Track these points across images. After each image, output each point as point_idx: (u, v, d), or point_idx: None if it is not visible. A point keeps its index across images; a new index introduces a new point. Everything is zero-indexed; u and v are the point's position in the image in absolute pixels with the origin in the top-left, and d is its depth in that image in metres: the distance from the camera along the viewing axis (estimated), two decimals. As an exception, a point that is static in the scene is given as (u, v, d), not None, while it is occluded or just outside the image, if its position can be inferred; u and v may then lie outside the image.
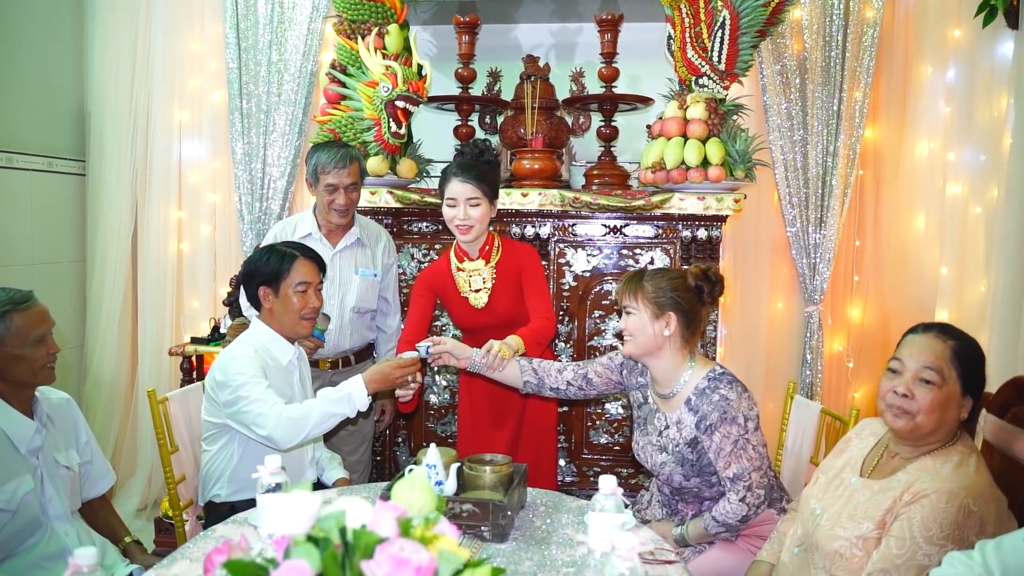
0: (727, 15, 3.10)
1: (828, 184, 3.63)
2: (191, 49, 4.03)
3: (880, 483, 1.83)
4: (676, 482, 2.28)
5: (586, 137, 3.90)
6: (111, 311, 4.06)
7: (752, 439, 2.18)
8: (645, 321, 2.23)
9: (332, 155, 2.92)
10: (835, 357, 3.88)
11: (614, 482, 1.70)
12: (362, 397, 2.27)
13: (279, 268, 2.45)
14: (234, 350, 2.43)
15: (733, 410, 2.16)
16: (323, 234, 3.06)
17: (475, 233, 2.70)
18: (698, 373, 2.25)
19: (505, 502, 1.83)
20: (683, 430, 2.23)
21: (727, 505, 2.17)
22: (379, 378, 2.33)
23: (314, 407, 2.23)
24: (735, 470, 2.16)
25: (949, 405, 1.77)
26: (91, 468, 2.36)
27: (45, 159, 3.89)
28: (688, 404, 2.23)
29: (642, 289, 2.25)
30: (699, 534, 2.25)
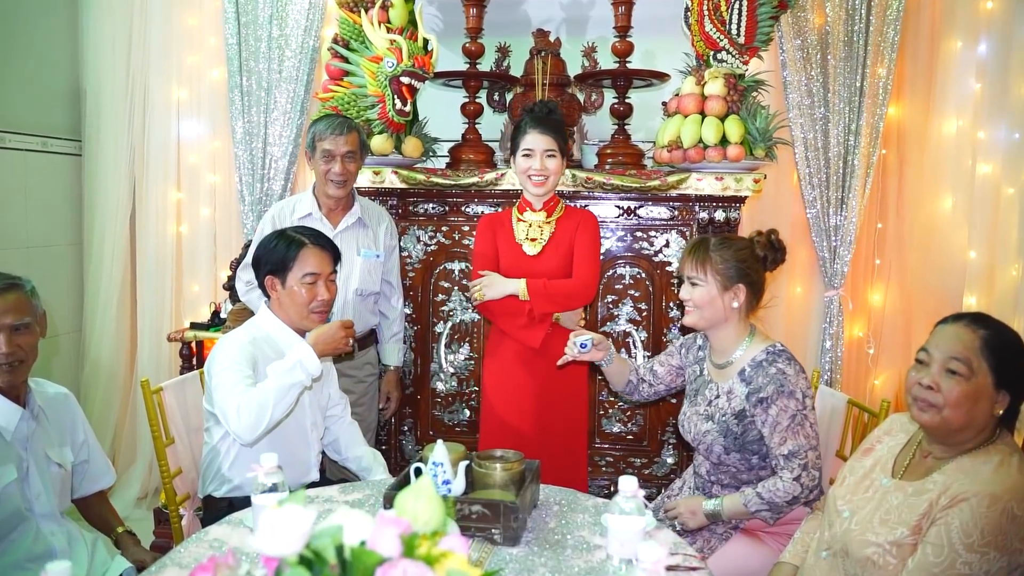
0: None
1: (850, 164, 3.50)
2: (189, 24, 3.91)
3: (914, 485, 1.71)
4: (716, 454, 2.20)
5: (598, 115, 3.75)
6: (109, 295, 3.96)
7: (810, 417, 2.10)
8: (714, 293, 2.17)
9: (329, 122, 2.87)
10: (855, 343, 3.76)
11: (635, 483, 1.58)
12: (312, 360, 2.15)
13: (285, 256, 2.31)
14: (230, 336, 2.32)
15: (791, 384, 2.09)
16: (323, 214, 2.96)
17: (549, 186, 2.71)
18: (757, 346, 2.19)
19: (517, 503, 1.72)
20: (732, 400, 2.17)
21: (780, 483, 2.07)
22: (324, 339, 2.24)
23: (268, 386, 2.11)
24: (791, 446, 2.07)
25: (979, 399, 1.65)
26: (89, 467, 2.25)
27: (39, 139, 3.78)
28: (742, 375, 2.16)
29: (710, 260, 2.18)
30: (736, 510, 2.14)
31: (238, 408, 2.08)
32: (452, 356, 3.42)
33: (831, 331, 3.59)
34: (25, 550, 1.94)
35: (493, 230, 2.81)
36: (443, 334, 3.41)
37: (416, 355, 3.45)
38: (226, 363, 2.20)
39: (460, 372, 3.43)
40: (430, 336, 3.43)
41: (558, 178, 2.74)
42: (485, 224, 2.84)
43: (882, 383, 3.76)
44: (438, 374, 3.45)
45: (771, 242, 2.25)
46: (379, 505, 1.93)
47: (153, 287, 3.97)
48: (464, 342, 3.41)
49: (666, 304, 3.27)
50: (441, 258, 3.39)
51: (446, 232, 3.37)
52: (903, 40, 3.47)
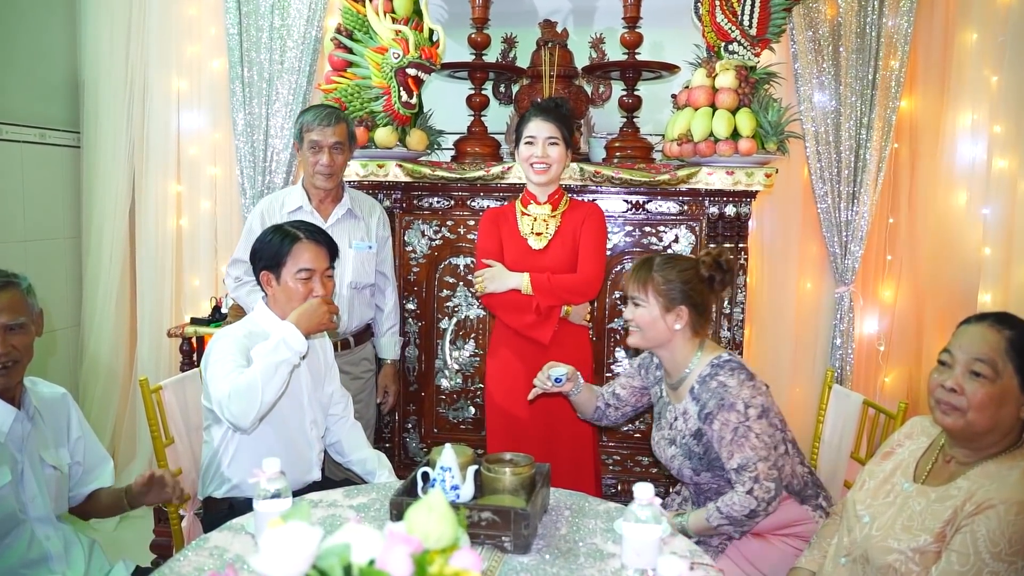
0: None
1: (861, 158, 3.44)
2: (189, 14, 3.83)
3: (937, 491, 1.66)
4: (687, 477, 2.18)
5: (606, 107, 3.69)
6: (108, 290, 3.89)
7: (754, 427, 2.02)
8: (656, 315, 2.13)
9: (317, 113, 2.83)
10: (866, 340, 3.70)
11: (651, 490, 1.53)
12: (295, 336, 2.11)
13: (279, 251, 2.26)
14: (224, 330, 2.28)
15: (731, 396, 2.03)
16: (314, 206, 2.91)
17: (551, 174, 2.66)
18: (703, 360, 2.14)
19: (528, 510, 1.66)
20: (688, 421, 2.13)
21: (735, 497, 2.02)
22: (306, 316, 2.18)
23: (255, 368, 2.07)
24: (739, 460, 2.02)
25: (1004, 402, 1.60)
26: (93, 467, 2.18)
27: (37, 130, 3.71)
28: (692, 393, 2.13)
29: (652, 280, 2.13)
30: (701, 526, 2.09)
31: (229, 394, 2.05)
32: (457, 353, 3.37)
33: (842, 328, 3.54)
34: (20, 555, 1.89)
35: (497, 224, 2.77)
36: (448, 330, 3.36)
37: (420, 352, 3.39)
38: (219, 356, 2.16)
39: (465, 369, 3.37)
40: (435, 332, 3.38)
41: (561, 167, 2.69)
42: (489, 218, 2.79)
43: (892, 380, 3.71)
44: (443, 371, 3.39)
45: (717, 263, 2.18)
46: (385, 510, 1.88)
47: (153, 281, 3.90)
48: (469, 338, 3.35)
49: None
50: (446, 253, 3.33)
51: (451, 227, 3.31)
52: (916, 32, 3.40)
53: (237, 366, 2.12)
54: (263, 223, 2.86)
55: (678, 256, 2.24)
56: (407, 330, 3.37)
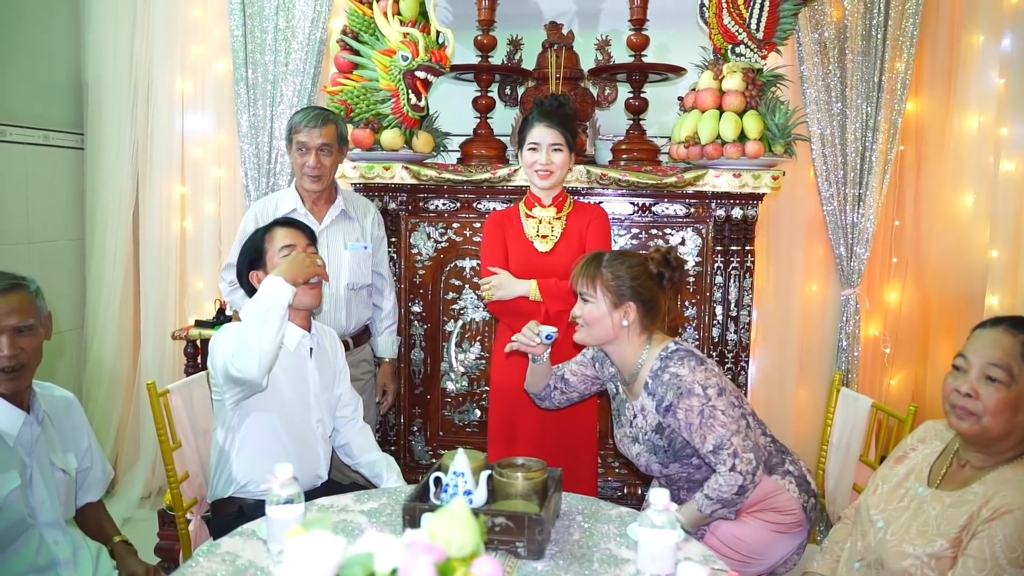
0: None
1: (867, 160, 3.44)
2: (193, 16, 3.82)
3: (952, 495, 1.65)
4: (656, 471, 2.19)
5: (612, 110, 3.68)
6: (111, 292, 3.87)
7: (718, 405, 2.03)
8: (603, 311, 2.13)
9: (305, 114, 2.83)
10: (871, 342, 3.70)
11: (667, 496, 1.52)
12: (277, 283, 2.13)
13: (257, 244, 2.36)
14: (232, 325, 2.30)
15: (687, 383, 2.04)
16: (307, 209, 2.91)
17: (554, 180, 2.66)
18: (653, 354, 2.14)
19: (543, 516, 1.65)
20: (647, 416, 2.14)
21: (719, 479, 2.02)
22: (288, 265, 2.20)
23: (245, 318, 2.13)
24: (713, 441, 2.02)
25: (1020, 406, 1.59)
26: (90, 473, 2.18)
27: (41, 132, 3.69)
28: (646, 388, 2.13)
29: (600, 276, 2.14)
30: (694, 518, 2.09)
31: (233, 352, 2.08)
32: (463, 355, 3.36)
33: (847, 330, 3.54)
34: (28, 560, 1.87)
35: (501, 227, 2.76)
36: (453, 333, 3.35)
37: (426, 354, 3.38)
38: (223, 337, 2.20)
39: (471, 372, 3.36)
40: (440, 335, 3.37)
41: (565, 172, 2.69)
42: (493, 222, 2.79)
43: (898, 383, 3.71)
44: (448, 374, 3.38)
45: (666, 259, 2.18)
46: (396, 515, 1.87)
47: (157, 283, 3.89)
48: (475, 341, 3.34)
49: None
50: (452, 255, 3.32)
51: (457, 229, 3.30)
52: (922, 34, 3.41)
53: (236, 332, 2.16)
54: (257, 226, 2.86)
55: (627, 252, 2.25)
56: (412, 332, 3.37)
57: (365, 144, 3.12)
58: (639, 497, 3.27)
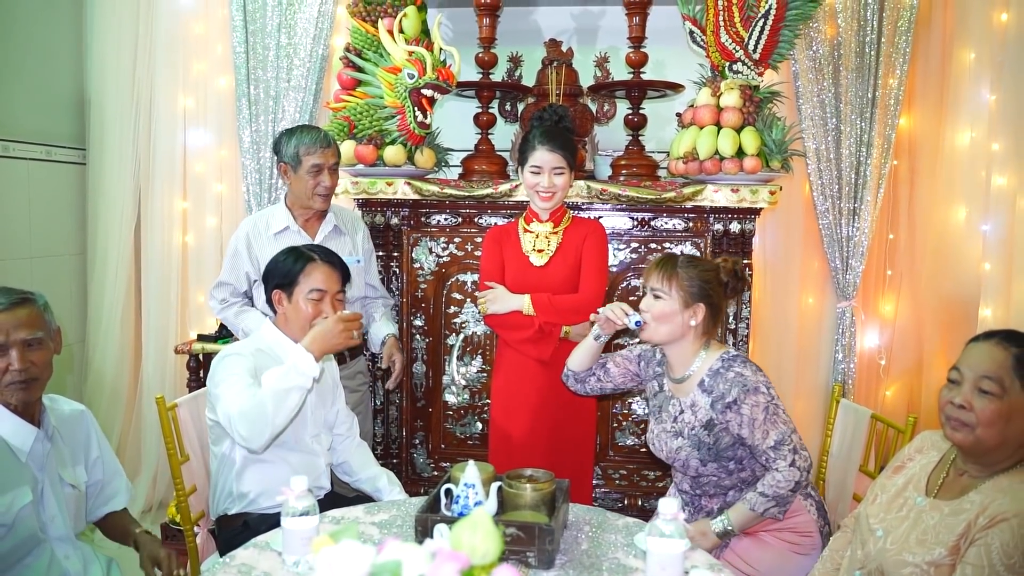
0: (773, 5, 2.94)
1: (862, 175, 3.49)
2: (196, 32, 3.86)
3: (950, 504, 1.69)
4: (693, 468, 2.22)
5: (611, 125, 3.73)
6: (113, 306, 3.89)
7: (780, 405, 2.13)
8: (674, 308, 2.20)
9: (314, 135, 2.84)
10: (867, 354, 3.74)
11: (675, 505, 1.55)
12: (309, 362, 2.09)
13: (292, 270, 2.30)
14: (231, 348, 2.29)
15: (752, 382, 2.12)
16: (300, 226, 2.92)
17: (556, 200, 2.73)
18: (712, 355, 2.23)
19: (552, 525, 1.68)
20: (698, 412, 2.19)
21: (776, 475, 2.08)
22: (320, 337, 2.16)
23: (265, 391, 2.07)
24: (775, 436, 2.09)
25: (1012, 417, 1.63)
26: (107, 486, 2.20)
27: (43, 147, 3.72)
28: (701, 386, 2.20)
29: (676, 275, 2.21)
30: (745, 519, 2.12)
31: (240, 415, 2.06)
32: (464, 369, 3.39)
33: (844, 342, 3.58)
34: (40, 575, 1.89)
35: (499, 242, 2.81)
36: (455, 346, 3.38)
37: (428, 367, 3.41)
38: (227, 375, 2.17)
39: (472, 385, 3.39)
40: (442, 348, 3.40)
41: (566, 192, 2.75)
42: (491, 237, 2.83)
43: (894, 394, 3.75)
44: (450, 387, 3.41)
45: (735, 271, 2.31)
46: (407, 527, 1.89)
47: (158, 298, 3.91)
48: (476, 354, 3.37)
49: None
50: (454, 270, 3.36)
51: (459, 244, 3.34)
52: (914, 51, 3.46)
53: (246, 385, 2.13)
54: (248, 244, 2.89)
55: (701, 258, 2.34)
56: (414, 346, 3.39)
57: (368, 160, 3.15)
58: (639, 508, 3.30)
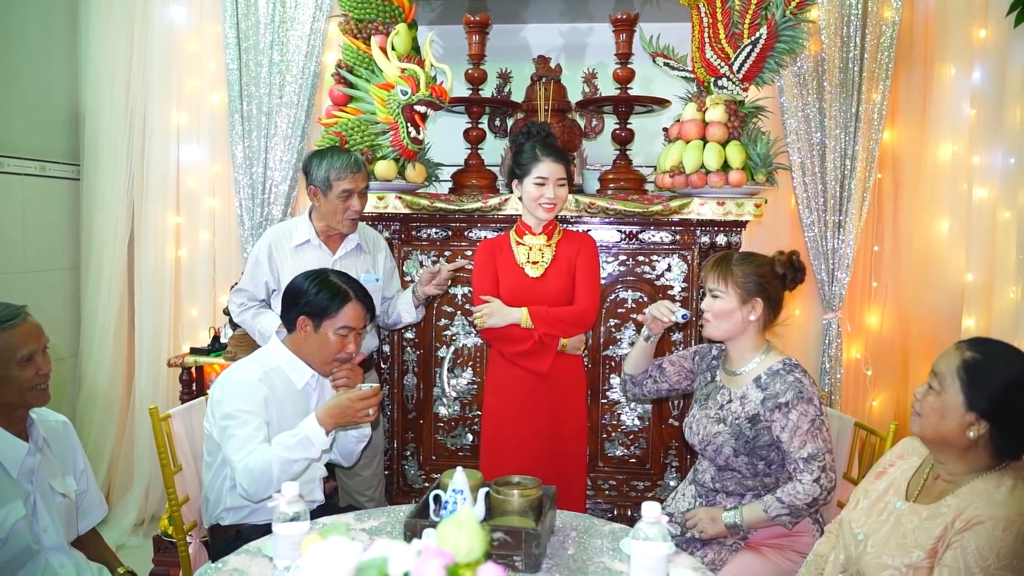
0: (764, 34, 2.99)
1: (847, 188, 3.55)
2: (189, 49, 3.91)
3: (928, 508, 1.73)
4: (724, 456, 2.26)
5: (599, 140, 3.79)
6: (106, 320, 3.92)
7: (826, 424, 2.19)
8: (733, 306, 2.27)
9: (345, 160, 2.85)
10: (853, 364, 3.78)
11: (658, 509, 1.58)
12: (320, 437, 2.09)
13: (328, 305, 2.30)
14: (240, 371, 2.30)
15: (808, 392, 2.19)
16: (322, 240, 2.96)
17: (555, 212, 2.79)
18: (773, 357, 2.30)
19: (539, 530, 1.72)
20: (747, 404, 2.25)
21: (799, 486, 2.13)
22: (336, 413, 2.12)
23: (274, 457, 2.07)
24: (811, 449, 2.14)
25: (945, 415, 1.69)
26: (87, 496, 2.23)
27: (37, 163, 3.76)
28: (757, 381, 2.26)
29: (731, 274, 2.28)
30: (756, 518, 2.18)
31: (246, 472, 2.07)
32: (455, 381, 3.41)
33: (830, 353, 3.62)
34: (36, 584, 1.92)
35: (492, 255, 2.84)
36: (446, 359, 3.41)
37: (419, 380, 3.44)
38: (234, 410, 2.17)
39: (463, 397, 3.42)
40: (433, 361, 3.43)
41: (563, 204, 2.82)
42: (484, 250, 2.87)
43: (880, 404, 3.79)
44: (441, 399, 3.44)
45: (791, 262, 2.36)
46: (397, 533, 1.92)
47: (151, 312, 3.94)
48: (467, 367, 3.40)
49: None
50: (444, 282, 3.39)
51: (449, 257, 3.37)
52: (897, 67, 3.53)
53: (254, 430, 2.13)
54: (270, 255, 2.92)
55: (755, 253, 2.39)
56: (405, 358, 3.42)
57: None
58: (628, 519, 3.32)
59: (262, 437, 2.14)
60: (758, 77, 3.13)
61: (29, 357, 1.98)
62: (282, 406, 2.28)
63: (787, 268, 2.35)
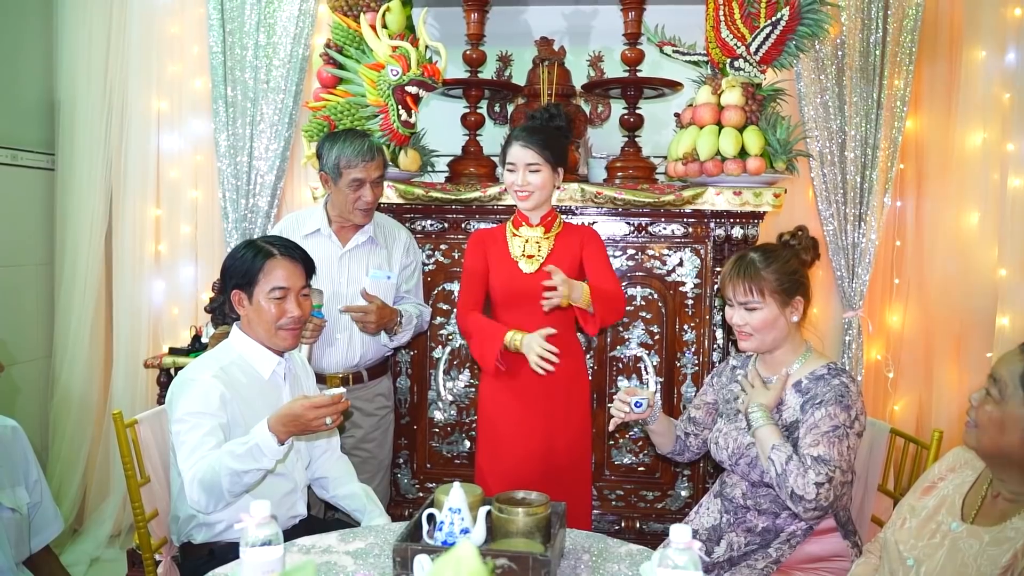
0: (786, 15, 2.79)
1: (868, 179, 3.35)
2: (171, 32, 3.71)
3: (991, 532, 1.52)
4: (759, 471, 2.02)
5: (605, 128, 3.58)
6: (81, 318, 3.70)
7: (851, 438, 1.92)
8: (775, 313, 2.05)
9: (357, 147, 2.63)
10: (874, 366, 3.58)
11: (688, 533, 1.36)
12: (271, 446, 1.84)
13: (251, 268, 2.11)
14: (193, 369, 2.09)
15: (850, 399, 1.95)
16: (333, 230, 2.76)
17: (535, 200, 2.55)
18: (816, 361, 2.08)
19: (549, 556, 1.50)
20: (784, 411, 2.05)
21: (799, 479, 1.86)
22: (289, 421, 1.85)
23: (222, 467, 1.85)
24: (822, 451, 1.88)
25: (1006, 428, 1.49)
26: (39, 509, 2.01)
27: (10, 152, 3.55)
28: (797, 386, 2.05)
29: (764, 280, 2.04)
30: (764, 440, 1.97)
31: (195, 483, 1.88)
32: (451, 383, 3.21)
33: (850, 353, 3.42)
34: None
35: (484, 246, 2.65)
36: (441, 360, 3.20)
37: (413, 382, 3.23)
38: (182, 413, 1.98)
39: (460, 400, 3.21)
40: (428, 362, 3.21)
41: (545, 193, 2.55)
42: (476, 240, 2.68)
43: (902, 408, 3.58)
44: (436, 403, 3.23)
45: (813, 242, 2.17)
46: (385, 556, 1.71)
47: (130, 310, 3.72)
48: (464, 368, 3.20)
49: (680, 326, 3.07)
50: (440, 278, 3.18)
51: (445, 251, 3.17)
52: (921, 51, 3.33)
53: (204, 436, 1.93)
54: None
55: (772, 247, 2.15)
56: (398, 359, 3.22)
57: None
58: (637, 531, 3.11)
59: (214, 442, 1.93)
60: (777, 60, 2.93)
61: None
62: (247, 402, 2.08)
63: (809, 251, 2.15)
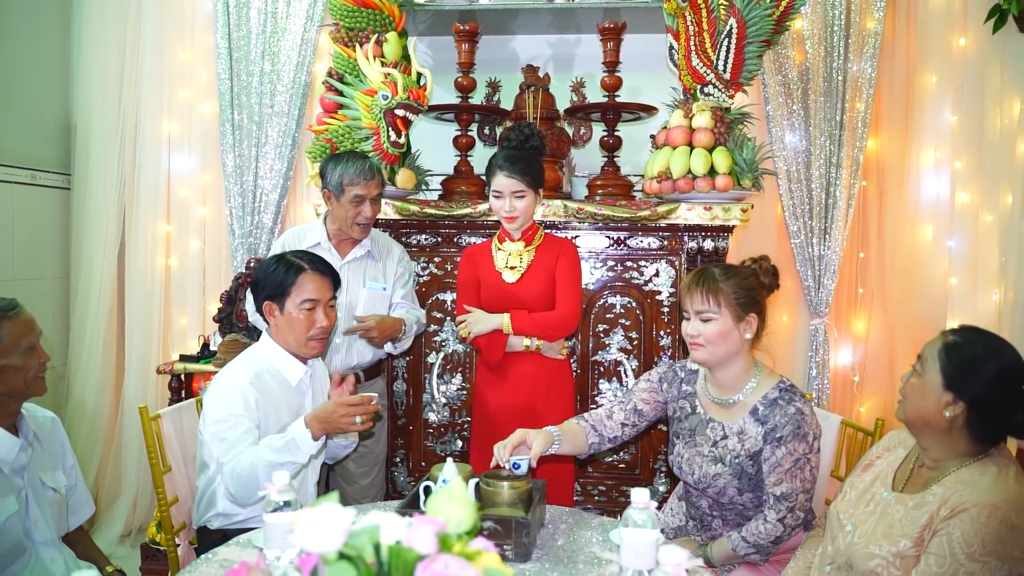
0: (734, 24, 3.04)
1: (832, 195, 3.58)
2: (181, 59, 3.94)
3: (914, 498, 1.75)
4: (728, 496, 2.13)
5: (587, 148, 3.83)
6: (95, 329, 3.91)
7: (812, 460, 2.07)
8: (729, 326, 2.08)
9: (359, 166, 2.86)
10: (840, 371, 3.81)
11: (647, 495, 1.59)
12: (307, 441, 2.07)
13: (283, 281, 2.30)
14: (230, 376, 2.28)
15: (806, 427, 2.05)
16: (332, 244, 2.98)
17: (520, 222, 2.81)
18: (766, 382, 2.13)
19: (529, 519, 1.72)
20: (746, 441, 2.09)
21: (762, 525, 2.05)
22: (323, 417, 2.09)
23: (259, 460, 2.05)
24: (785, 489, 2.04)
25: (924, 395, 1.74)
26: (76, 491, 2.23)
27: (28, 172, 3.77)
28: (755, 414, 2.10)
29: (721, 291, 2.08)
30: (726, 555, 2.12)
31: (233, 475, 2.07)
32: (444, 387, 3.42)
33: (817, 359, 3.64)
34: (25, 579, 1.92)
35: (474, 261, 2.89)
36: (435, 364, 3.42)
37: (408, 386, 3.44)
38: (223, 414, 2.17)
39: (452, 403, 3.43)
40: (422, 367, 3.44)
41: (530, 213, 2.81)
42: (467, 256, 2.92)
43: (868, 409, 3.80)
44: (430, 405, 3.44)
45: (771, 268, 2.23)
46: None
47: (141, 320, 3.93)
48: (456, 372, 3.41)
49: (657, 332, 3.30)
50: (434, 288, 3.41)
51: (439, 263, 3.40)
52: (879, 76, 3.58)
53: (243, 433, 2.13)
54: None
55: (735, 265, 2.22)
56: (395, 364, 3.43)
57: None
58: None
59: (252, 440, 2.14)
60: (745, 71, 3.14)
61: (32, 346, 2.01)
62: (275, 407, 2.27)
63: (769, 276, 2.20)
